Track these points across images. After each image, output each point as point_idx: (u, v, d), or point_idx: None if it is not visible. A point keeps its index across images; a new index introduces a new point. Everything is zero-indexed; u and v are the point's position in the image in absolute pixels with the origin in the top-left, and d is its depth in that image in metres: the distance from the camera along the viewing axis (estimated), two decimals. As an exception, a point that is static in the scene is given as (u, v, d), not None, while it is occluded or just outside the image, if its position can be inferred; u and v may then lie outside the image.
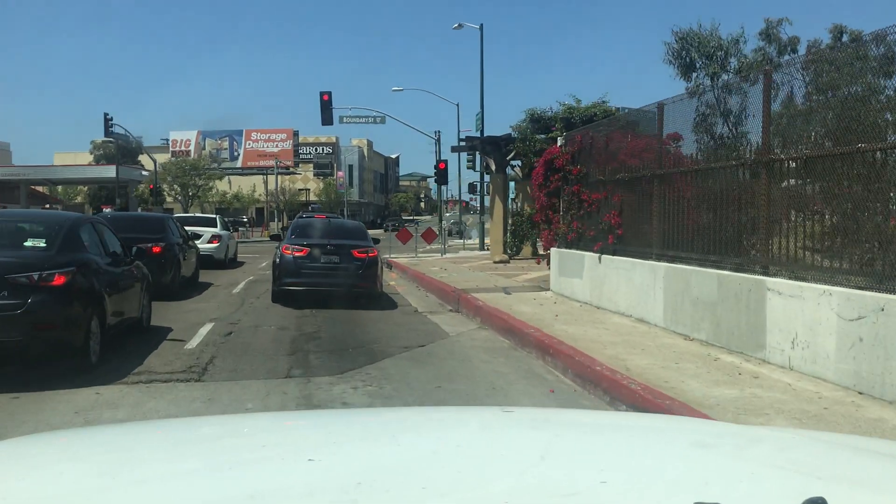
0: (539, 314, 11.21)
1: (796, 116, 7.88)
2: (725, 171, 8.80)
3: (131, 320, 9.84)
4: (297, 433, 2.14)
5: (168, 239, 15.12)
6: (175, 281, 14.93)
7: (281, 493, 1.43)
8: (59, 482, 1.57)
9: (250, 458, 1.75)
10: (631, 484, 1.54)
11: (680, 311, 9.22)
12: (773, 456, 1.87)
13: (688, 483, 1.55)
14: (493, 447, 1.86)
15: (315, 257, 13.79)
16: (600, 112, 20.36)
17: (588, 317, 10.89)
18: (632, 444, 1.95)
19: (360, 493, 1.38)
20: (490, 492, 1.44)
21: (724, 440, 2.03)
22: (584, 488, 1.47)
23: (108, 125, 49.47)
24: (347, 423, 2.34)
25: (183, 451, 1.87)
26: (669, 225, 9.74)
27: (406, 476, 1.54)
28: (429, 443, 1.94)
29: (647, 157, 10.55)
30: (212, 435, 2.11)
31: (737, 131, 9.25)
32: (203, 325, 11.22)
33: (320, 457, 1.69)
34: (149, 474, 1.64)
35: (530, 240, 26.94)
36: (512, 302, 12.77)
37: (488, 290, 14.86)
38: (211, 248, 22.16)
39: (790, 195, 7.82)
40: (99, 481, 1.58)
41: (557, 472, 1.59)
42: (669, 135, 9.97)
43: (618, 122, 11.76)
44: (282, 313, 12.85)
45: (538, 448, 1.79)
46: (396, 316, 12.98)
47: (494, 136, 25.40)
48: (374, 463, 1.65)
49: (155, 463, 1.76)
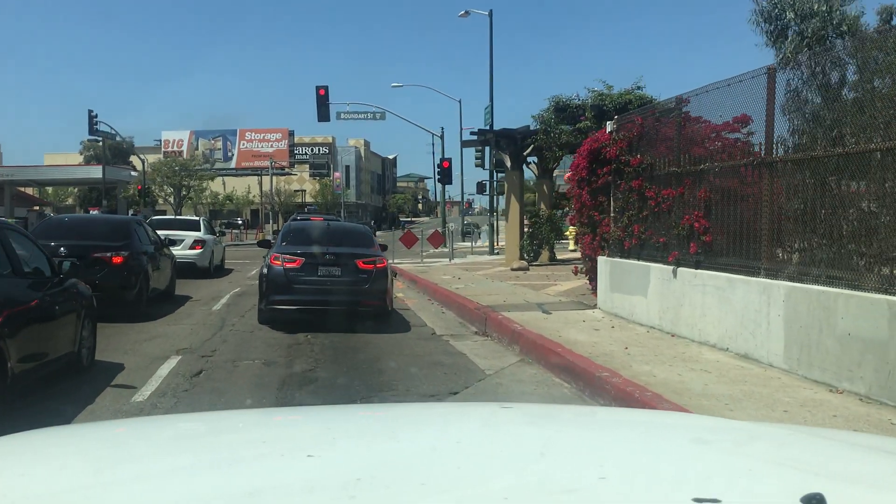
0: (601, 345, 8.65)
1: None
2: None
3: (62, 359, 7.28)
4: (297, 429, 2.12)
5: (133, 247, 12.44)
6: (142, 297, 12.23)
7: (281, 490, 1.42)
8: (59, 478, 1.57)
9: (250, 454, 1.75)
10: (630, 480, 1.52)
11: (816, 349, 6.67)
12: (771, 452, 1.85)
13: (687, 479, 1.54)
14: (493, 444, 1.86)
15: (311, 269, 11.19)
16: (636, 99, 17.86)
17: (668, 350, 8.33)
18: (631, 441, 1.92)
19: (360, 489, 1.37)
20: (490, 488, 1.43)
21: (723, 436, 2.02)
22: (583, 485, 1.46)
23: (92, 123, 46.77)
24: (347, 419, 2.32)
25: (182, 447, 1.88)
26: (793, 229, 7.20)
27: (406, 472, 1.52)
28: (428, 439, 1.93)
29: (749, 140, 8.01)
30: (211, 431, 2.08)
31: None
32: (166, 361, 8.64)
33: (320, 453, 1.68)
34: (148, 470, 1.63)
35: (549, 244, 24.47)
36: (556, 325, 10.22)
37: (519, 306, 12.30)
38: (193, 254, 19.54)
39: None
40: (98, 477, 1.57)
41: (557, 469, 1.59)
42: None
43: (698, 99, 9.20)
44: (269, 340, 10.28)
45: (538, 444, 1.81)
46: (412, 342, 10.41)
47: (510, 129, 22.88)
48: (374, 459, 1.65)
49: (155, 459, 1.75)
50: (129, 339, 10.00)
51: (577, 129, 18.26)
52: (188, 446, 1.89)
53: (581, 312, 11.47)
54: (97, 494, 1.44)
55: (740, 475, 1.57)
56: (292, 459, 1.65)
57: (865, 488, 1.52)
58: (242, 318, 12.36)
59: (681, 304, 9.03)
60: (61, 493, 1.45)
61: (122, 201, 62.13)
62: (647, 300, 9.90)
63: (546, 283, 16.79)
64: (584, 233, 12.62)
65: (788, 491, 1.33)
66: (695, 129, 9.38)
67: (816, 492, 1.26)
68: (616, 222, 11.07)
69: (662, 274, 9.48)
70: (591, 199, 12.11)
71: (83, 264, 11.12)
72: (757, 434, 2.11)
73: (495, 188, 32.15)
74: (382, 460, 1.64)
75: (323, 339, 10.37)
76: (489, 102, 31.21)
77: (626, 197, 10.65)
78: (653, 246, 9.85)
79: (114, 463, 1.70)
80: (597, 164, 11.76)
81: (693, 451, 1.82)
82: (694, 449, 1.85)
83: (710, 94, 9.00)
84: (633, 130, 10.63)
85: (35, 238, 12.04)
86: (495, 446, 1.82)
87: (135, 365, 8.43)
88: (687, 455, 1.77)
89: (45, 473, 1.60)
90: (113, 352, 9.03)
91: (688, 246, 8.85)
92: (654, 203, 9.73)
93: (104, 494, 1.44)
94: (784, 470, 1.65)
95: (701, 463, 1.69)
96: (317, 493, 1.40)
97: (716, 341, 8.28)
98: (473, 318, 12.02)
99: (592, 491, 1.42)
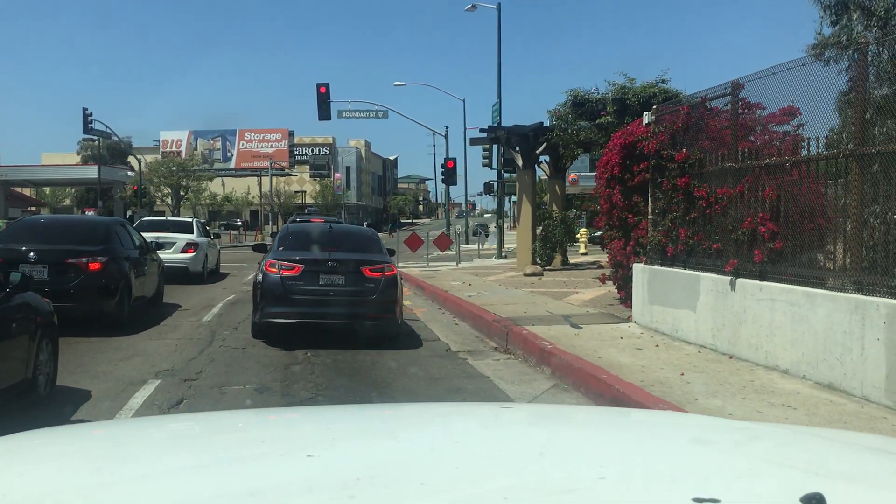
0: (651, 369, 7.40)
1: None
2: None
3: (13, 389, 6.04)
4: (296, 429, 2.11)
5: (113, 251, 11.13)
6: (122, 307, 10.91)
7: (280, 490, 1.41)
8: (59, 478, 1.57)
9: (249, 453, 1.74)
10: (630, 480, 1.52)
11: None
12: (771, 452, 1.85)
13: (686, 479, 1.53)
14: (492, 443, 1.85)
15: (311, 278, 9.95)
16: (660, 93, 16.60)
17: (733, 376, 7.06)
18: (630, 441, 1.92)
19: (359, 488, 1.37)
20: (489, 488, 1.42)
21: (722, 436, 2.00)
22: (582, 485, 1.45)
23: (87, 121, 45.40)
24: (346, 419, 2.29)
25: (182, 447, 1.86)
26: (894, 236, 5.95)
27: (405, 472, 1.52)
28: (428, 439, 1.94)
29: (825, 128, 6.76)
30: (210, 431, 2.07)
31: None
32: (142, 387, 7.39)
33: (319, 453, 1.67)
34: (148, 470, 1.62)
35: (562, 248, 23.22)
36: (591, 342, 8.96)
37: (543, 318, 11.05)
38: (185, 258, 18.26)
39: None
40: (98, 477, 1.56)
41: (556, 469, 1.58)
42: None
43: (759, 84, 7.90)
44: (264, 359, 9.02)
45: (537, 444, 1.82)
46: (425, 360, 9.16)
47: (522, 126, 21.58)
48: (373, 459, 1.65)
49: (154, 459, 1.74)
50: (103, 359, 8.74)
51: (596, 124, 16.99)
52: (188, 446, 1.87)
53: (615, 327, 10.20)
54: (97, 494, 1.43)
55: (740, 475, 1.56)
56: (292, 459, 1.66)
57: (865, 488, 1.50)
58: (235, 330, 11.10)
59: (741, 320, 7.77)
60: (61, 493, 1.45)
61: (119, 202, 60.86)
62: (695, 315, 8.64)
63: (565, 290, 15.53)
64: (615, 237, 11.37)
65: (788, 491, 1.32)
66: (754, 118, 8.13)
67: (816, 491, 1.24)
68: (656, 225, 9.81)
69: (716, 285, 8.22)
70: (624, 200, 10.87)
71: (55, 271, 10.40)
72: (757, 434, 2.08)
73: (504, 189, 30.82)
74: (382, 460, 1.63)
75: (324, 357, 9.13)
76: (497, 99, 29.96)
77: (668, 197, 9.39)
78: (703, 252, 8.59)
79: (113, 463, 1.68)
80: (631, 161, 10.52)
81: (693, 450, 1.82)
82: (693, 449, 1.85)
83: (776, 76, 7.72)
84: (677, 121, 9.37)
85: (4, 241, 11.15)
86: (495, 446, 1.82)
87: (104, 392, 7.18)
88: (686, 455, 1.76)
89: (45, 473, 1.61)
90: (81, 375, 7.79)
91: (750, 253, 7.59)
92: (706, 203, 8.47)
93: (104, 494, 1.43)
94: (784, 470, 1.64)
95: (700, 463, 1.68)
96: (316, 492, 1.39)
97: (788, 366, 7.02)
98: (492, 331, 10.78)
99: (592, 491, 1.41)
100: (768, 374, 7.06)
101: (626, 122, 15.26)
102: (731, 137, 8.20)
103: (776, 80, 7.77)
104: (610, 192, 11.20)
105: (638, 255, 10.55)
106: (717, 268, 8.25)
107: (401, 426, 2.07)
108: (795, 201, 7.20)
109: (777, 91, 7.78)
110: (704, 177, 8.66)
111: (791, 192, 7.26)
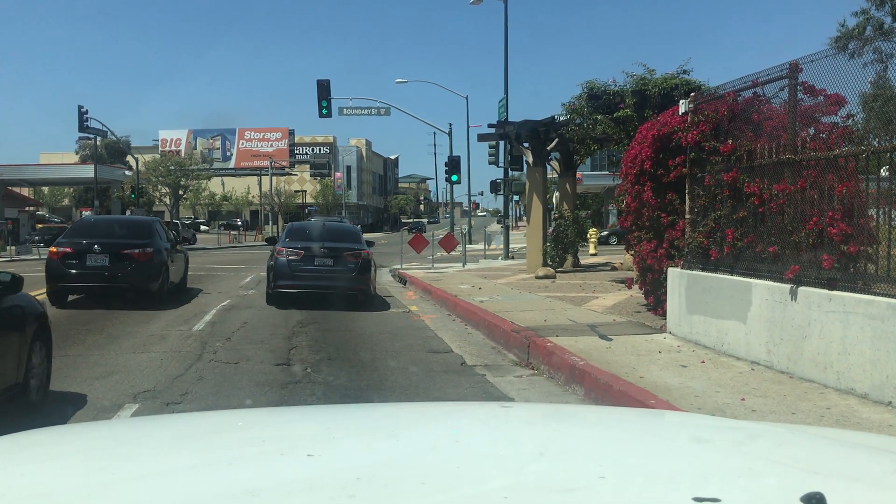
0: (706, 394, 6.40)
1: None
2: None
3: (2, 393, 5.43)
4: (296, 428, 2.09)
5: (156, 244, 14.20)
6: (164, 288, 13.97)
7: (280, 489, 1.40)
8: (59, 478, 1.54)
9: (249, 453, 1.73)
10: (629, 479, 1.50)
11: None
12: (771, 451, 1.83)
13: (686, 478, 1.51)
14: (492, 443, 1.85)
15: (309, 260, 13.65)
16: (682, 84, 15.55)
17: (803, 402, 6.06)
18: (631, 440, 1.90)
19: (359, 488, 1.35)
20: (489, 487, 1.40)
21: (722, 435, 1.98)
22: (583, 484, 1.44)
23: (82, 119, 44.42)
24: (346, 418, 2.27)
25: (182, 446, 1.85)
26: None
27: (405, 471, 1.50)
28: (428, 438, 1.92)
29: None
30: (210, 430, 2.05)
31: None
32: (118, 412, 6.41)
33: (319, 452, 1.67)
34: (148, 470, 1.59)
35: (574, 248, 22.27)
36: (626, 357, 7.97)
37: (566, 328, 10.06)
38: None
39: None
40: (98, 476, 1.54)
41: (556, 468, 1.56)
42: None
43: (818, 66, 6.88)
44: (258, 376, 8.03)
45: (537, 444, 1.79)
46: (439, 378, 8.17)
47: (532, 121, 20.60)
48: (373, 458, 1.63)
49: (154, 458, 1.72)
50: (78, 377, 7.75)
51: (614, 118, 15.97)
52: (188, 445, 1.85)
53: (649, 338, 9.21)
54: (97, 494, 1.42)
55: (740, 474, 1.54)
56: (292, 458, 1.63)
57: (865, 487, 1.48)
58: (228, 341, 10.12)
59: (804, 335, 6.78)
60: (61, 493, 1.43)
61: (117, 201, 59.70)
62: (746, 327, 7.65)
63: (583, 294, 14.53)
64: (644, 238, 10.37)
65: (788, 490, 1.31)
66: (816, 106, 7.14)
67: (816, 491, 1.23)
68: (695, 226, 8.81)
69: (772, 294, 7.22)
70: (656, 198, 9.87)
71: (114, 259, 13.23)
72: (757, 433, 2.05)
73: (511, 187, 29.79)
74: (382, 459, 1.62)
75: (327, 374, 8.15)
76: (504, 95, 28.93)
77: (711, 193, 8.40)
78: (755, 257, 7.60)
79: (114, 462, 1.66)
80: (665, 154, 9.53)
81: (693, 450, 1.80)
82: (693, 448, 1.82)
83: (838, 58, 6.76)
84: (721, 109, 8.38)
85: (70, 237, 13.74)
86: (495, 445, 1.81)
87: (78, 419, 6.20)
88: (687, 454, 1.75)
89: (45, 473, 1.58)
90: (48, 397, 6.80)
91: (818, 258, 6.59)
92: (759, 201, 7.48)
93: (104, 494, 1.41)
94: (784, 469, 1.61)
95: (700, 462, 1.66)
96: (316, 491, 1.37)
97: (867, 391, 6.03)
98: (510, 342, 9.79)
99: (592, 490, 1.40)
100: (844, 400, 6.07)
101: (646, 115, 14.28)
102: (788, 126, 7.21)
103: (838, 62, 6.80)
104: (639, 189, 10.21)
105: (672, 259, 9.56)
106: (772, 274, 7.25)
107: (401, 426, 2.06)
108: (871, 199, 6.21)
109: (839, 73, 6.78)
110: (755, 171, 7.67)
111: (864, 188, 6.27)
